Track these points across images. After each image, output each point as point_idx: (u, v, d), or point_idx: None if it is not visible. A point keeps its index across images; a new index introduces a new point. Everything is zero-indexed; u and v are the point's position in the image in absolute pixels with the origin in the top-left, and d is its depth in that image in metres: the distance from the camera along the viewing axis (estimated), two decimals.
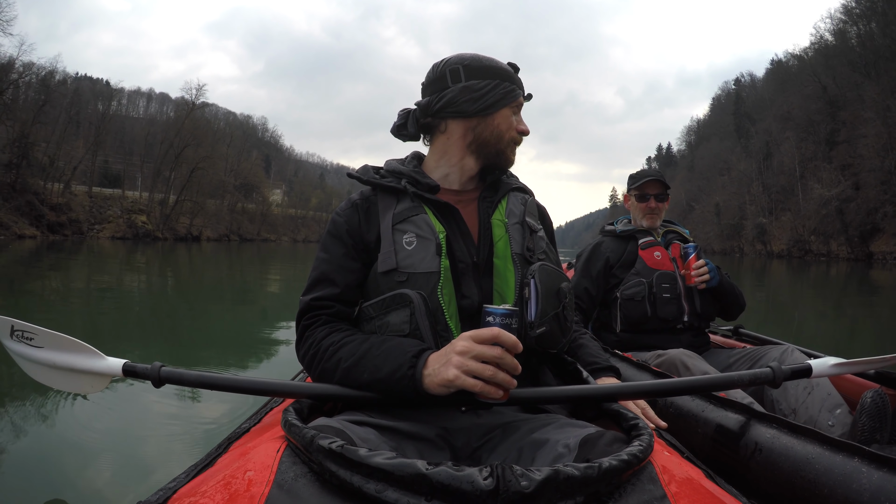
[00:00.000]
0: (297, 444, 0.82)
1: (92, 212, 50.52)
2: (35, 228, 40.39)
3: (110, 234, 48.38)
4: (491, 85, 1.29)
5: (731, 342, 2.60)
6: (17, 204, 40.08)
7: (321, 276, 1.24)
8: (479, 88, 1.29)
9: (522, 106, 1.38)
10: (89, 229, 47.94)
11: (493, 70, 1.31)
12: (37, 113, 41.92)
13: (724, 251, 61.18)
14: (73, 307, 7.43)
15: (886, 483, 0.98)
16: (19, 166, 40.72)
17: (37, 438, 2.50)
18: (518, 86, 1.34)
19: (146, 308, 7.82)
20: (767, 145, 60.54)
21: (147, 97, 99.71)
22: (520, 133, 1.35)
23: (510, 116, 1.33)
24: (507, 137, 1.33)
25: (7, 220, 38.04)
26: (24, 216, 40.25)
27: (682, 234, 2.53)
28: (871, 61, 46.60)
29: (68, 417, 2.74)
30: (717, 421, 1.39)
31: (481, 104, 1.29)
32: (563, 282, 1.25)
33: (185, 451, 2.40)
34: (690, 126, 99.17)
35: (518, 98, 1.34)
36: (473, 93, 1.29)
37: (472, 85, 1.29)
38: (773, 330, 6.74)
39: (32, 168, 42.29)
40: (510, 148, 1.35)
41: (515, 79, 1.34)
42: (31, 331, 1.35)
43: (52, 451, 2.37)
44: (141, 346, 4.90)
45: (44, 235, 40.14)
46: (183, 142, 55.10)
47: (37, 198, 42.36)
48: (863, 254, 41.97)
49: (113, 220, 51.42)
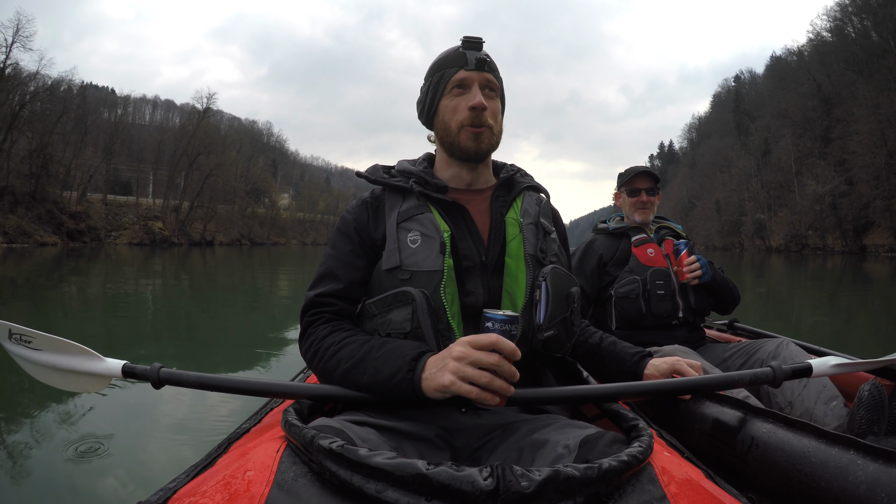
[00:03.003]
0: (297, 444, 0.81)
1: (108, 219, 50.78)
2: (56, 236, 40.72)
3: (127, 241, 48.67)
4: (427, 86, 1.27)
5: (726, 336, 2.57)
6: (39, 213, 40.45)
7: (327, 272, 1.23)
8: (422, 97, 1.28)
9: (471, 78, 1.23)
10: (106, 236, 48.22)
11: (431, 69, 1.28)
12: (55, 124, 42.23)
13: (725, 247, 61.17)
14: (91, 310, 7.48)
15: (882, 475, 0.96)
16: (39, 176, 41.05)
17: (37, 439, 2.50)
18: (450, 65, 1.24)
19: (163, 311, 7.87)
20: (766, 142, 60.48)
21: (153, 104, 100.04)
22: (470, 109, 1.21)
23: (451, 102, 1.24)
24: (454, 125, 1.23)
25: (29, 228, 38.39)
26: (45, 224, 40.58)
27: (675, 229, 2.48)
28: (864, 59, 46.42)
29: (69, 418, 2.72)
30: (713, 416, 1.37)
31: (426, 110, 1.28)
32: (573, 286, 1.22)
33: (185, 452, 2.39)
34: (692, 123, 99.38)
35: (450, 78, 1.23)
36: (420, 104, 1.29)
37: (420, 96, 1.29)
38: (773, 322, 6.73)
39: (51, 178, 42.59)
40: (462, 136, 1.23)
41: (448, 60, 1.25)
42: (28, 334, 1.34)
43: (53, 451, 2.36)
44: (153, 347, 4.91)
45: (64, 243, 40.45)
46: (196, 150, 55.37)
47: (56, 206, 42.69)
48: (856, 247, 42.28)
49: (129, 226, 51.68)
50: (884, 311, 8.66)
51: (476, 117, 1.21)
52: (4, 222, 36.74)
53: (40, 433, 2.55)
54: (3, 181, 38.37)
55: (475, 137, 1.23)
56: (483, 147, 1.24)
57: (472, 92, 1.22)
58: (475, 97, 1.21)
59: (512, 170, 1.36)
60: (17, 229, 37.26)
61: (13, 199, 38.68)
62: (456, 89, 1.23)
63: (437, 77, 1.25)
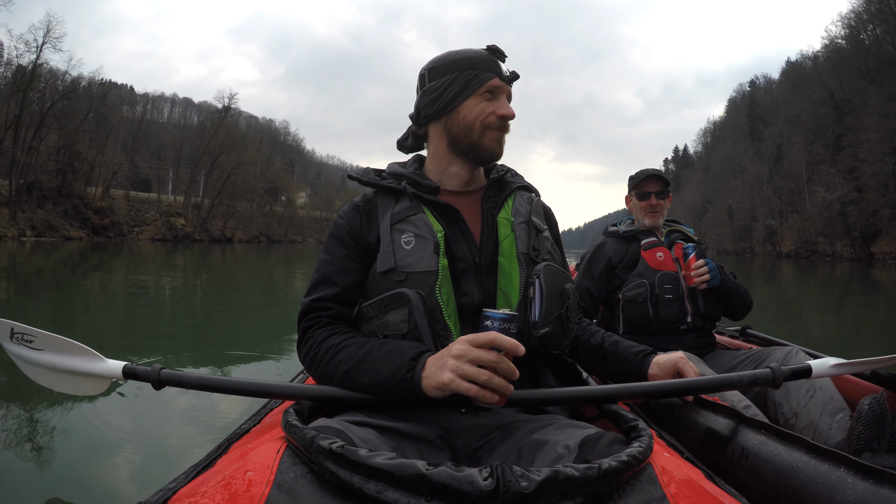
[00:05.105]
0: (297, 444, 0.80)
1: (131, 214, 51.48)
2: (81, 230, 41.41)
3: (150, 236, 49.32)
4: (449, 80, 1.23)
5: (737, 343, 2.50)
6: (65, 208, 41.17)
7: (322, 278, 1.22)
8: (437, 88, 1.24)
9: (503, 89, 1.25)
10: (129, 231, 48.91)
11: (453, 64, 1.25)
12: (81, 122, 42.88)
13: (737, 252, 60.72)
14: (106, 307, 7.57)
15: (871, 494, 0.92)
16: (65, 172, 41.69)
17: (38, 439, 2.48)
18: (486, 69, 1.23)
19: (174, 310, 7.91)
20: (779, 148, 59.79)
21: (171, 102, 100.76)
22: (499, 118, 1.23)
23: (479, 104, 1.22)
24: (477, 126, 1.22)
25: (56, 222, 39.07)
26: (71, 219, 41.28)
27: (687, 233, 2.43)
28: (876, 67, 45.78)
29: (70, 419, 2.71)
30: (706, 425, 1.33)
31: (441, 102, 1.24)
32: (568, 283, 1.21)
33: (185, 452, 2.36)
34: (706, 128, 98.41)
35: (486, 82, 1.22)
36: (432, 94, 1.25)
37: (431, 87, 1.26)
38: (782, 329, 6.63)
39: (76, 174, 43.25)
40: (486, 136, 1.23)
41: (482, 63, 1.24)
42: (31, 333, 1.33)
43: (53, 451, 2.35)
44: (157, 347, 4.87)
45: (89, 237, 41.11)
46: (218, 149, 55.88)
47: (81, 202, 43.38)
48: (864, 254, 41.83)
49: (151, 222, 52.36)
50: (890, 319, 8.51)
51: (503, 126, 1.24)
52: (33, 216, 37.45)
53: (40, 433, 2.54)
54: (32, 177, 39.05)
55: (499, 140, 1.25)
56: (502, 152, 1.27)
57: (500, 101, 1.24)
58: (507, 107, 1.24)
59: (502, 170, 1.35)
60: (45, 223, 37.96)
61: (41, 195, 39.40)
62: (487, 94, 1.23)
63: (469, 75, 1.22)
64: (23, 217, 36.61)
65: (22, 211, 36.91)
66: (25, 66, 38.49)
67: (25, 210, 37.32)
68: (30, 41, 39.17)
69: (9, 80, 38.73)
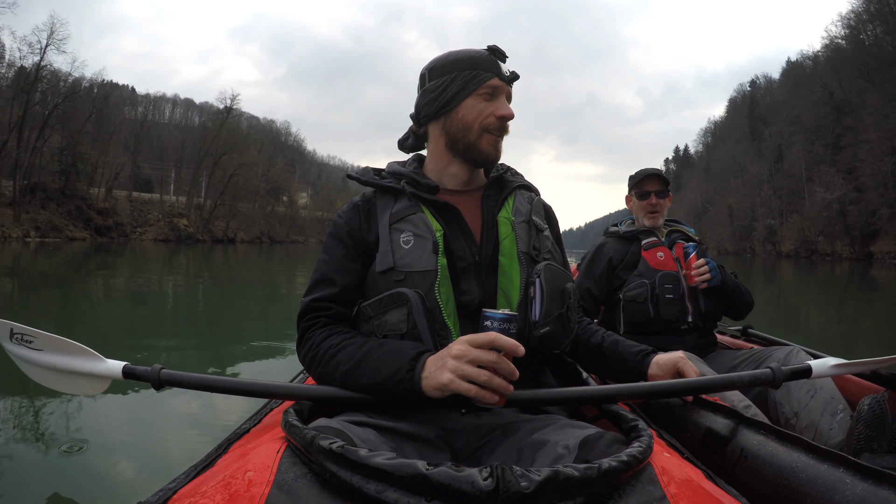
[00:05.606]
0: (297, 444, 0.80)
1: (133, 215, 51.60)
2: (85, 231, 41.50)
3: (153, 237, 49.42)
4: (449, 79, 1.22)
5: (738, 343, 2.49)
6: (68, 209, 41.26)
7: (322, 278, 1.21)
8: (436, 87, 1.24)
9: (502, 89, 1.24)
10: (132, 231, 48.98)
11: (453, 63, 1.24)
12: (84, 123, 42.94)
13: (737, 252, 60.64)
14: (107, 307, 7.57)
15: (870, 495, 0.91)
16: (68, 173, 41.76)
17: (38, 439, 2.48)
18: (485, 69, 1.22)
19: (175, 310, 7.90)
20: (779, 148, 59.72)
21: (172, 102, 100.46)
22: (498, 118, 1.22)
23: (478, 104, 1.21)
24: (476, 128, 1.21)
25: (60, 223, 39.14)
26: (74, 220, 41.36)
27: (688, 233, 2.42)
28: (876, 67, 45.72)
29: (70, 419, 2.70)
30: (706, 425, 1.33)
31: (440, 101, 1.23)
32: (568, 282, 1.20)
33: (185, 452, 2.35)
34: (707, 128, 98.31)
35: (485, 82, 1.21)
36: (431, 93, 1.25)
37: (431, 86, 1.25)
38: (782, 329, 6.62)
39: (79, 175, 43.32)
40: (484, 140, 1.22)
41: (482, 63, 1.22)
42: (30, 334, 1.32)
43: (54, 451, 2.34)
44: (159, 347, 4.87)
45: (93, 237, 41.19)
46: (220, 149, 55.90)
47: (84, 202, 43.48)
48: (864, 254, 41.81)
49: (154, 223, 52.44)
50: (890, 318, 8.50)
51: (502, 127, 1.23)
52: (37, 217, 37.53)
53: (40, 433, 2.53)
54: (36, 178, 39.12)
55: (496, 145, 1.24)
56: (498, 156, 1.26)
57: (500, 101, 1.23)
58: (506, 108, 1.22)
59: (502, 168, 1.34)
60: (49, 224, 38.05)
61: (45, 196, 39.50)
62: (487, 94, 1.22)
63: (469, 75, 1.21)
64: (27, 218, 36.70)
65: (26, 212, 37.00)
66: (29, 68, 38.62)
67: (29, 211, 37.41)
68: (33, 43, 39.42)
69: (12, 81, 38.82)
